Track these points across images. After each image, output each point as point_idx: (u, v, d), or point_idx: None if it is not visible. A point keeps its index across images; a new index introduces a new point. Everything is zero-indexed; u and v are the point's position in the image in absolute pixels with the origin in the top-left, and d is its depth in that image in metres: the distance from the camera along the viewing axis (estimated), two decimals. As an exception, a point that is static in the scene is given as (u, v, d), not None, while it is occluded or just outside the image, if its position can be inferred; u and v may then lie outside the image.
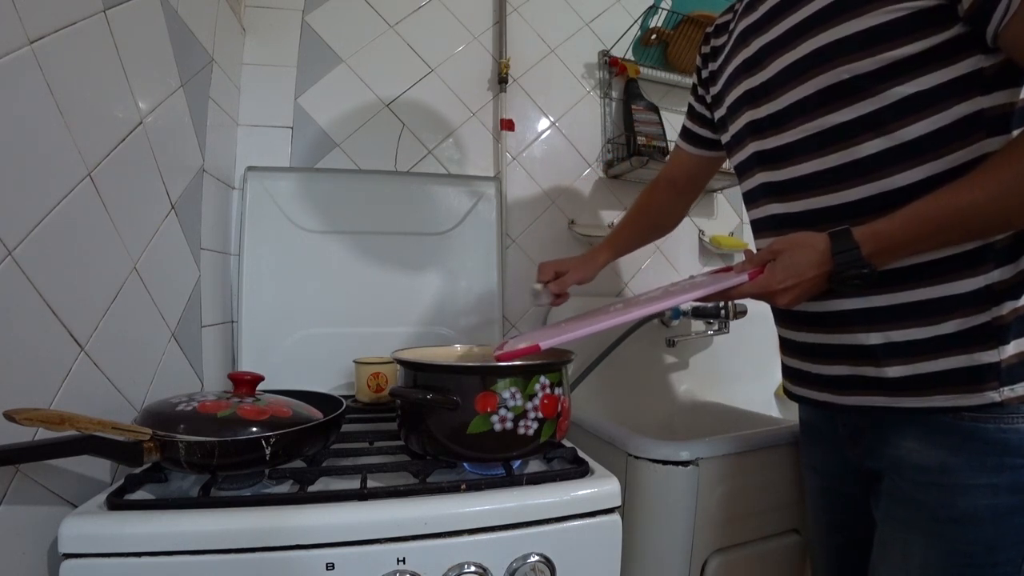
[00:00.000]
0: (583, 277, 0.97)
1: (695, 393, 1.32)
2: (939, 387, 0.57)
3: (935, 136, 0.54)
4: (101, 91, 0.63)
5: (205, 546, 0.52)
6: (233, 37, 1.10)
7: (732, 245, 1.47)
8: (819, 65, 0.59)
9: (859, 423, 0.66)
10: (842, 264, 0.56)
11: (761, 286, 0.60)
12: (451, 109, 1.28)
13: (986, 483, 0.55)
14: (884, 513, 0.64)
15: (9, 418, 0.45)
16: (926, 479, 0.59)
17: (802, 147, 0.63)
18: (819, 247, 0.57)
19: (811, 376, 0.69)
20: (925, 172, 0.55)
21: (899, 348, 0.59)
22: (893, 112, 0.56)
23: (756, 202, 0.72)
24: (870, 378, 0.62)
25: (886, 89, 0.55)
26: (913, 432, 0.60)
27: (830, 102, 0.59)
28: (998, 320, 0.55)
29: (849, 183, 0.60)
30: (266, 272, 1.08)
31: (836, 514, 0.74)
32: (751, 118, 0.70)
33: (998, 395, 0.54)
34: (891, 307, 0.59)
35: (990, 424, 0.55)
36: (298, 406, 0.68)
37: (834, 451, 0.71)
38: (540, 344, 0.61)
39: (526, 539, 0.60)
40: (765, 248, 0.62)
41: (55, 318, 0.55)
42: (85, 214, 0.60)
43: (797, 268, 0.58)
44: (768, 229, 0.70)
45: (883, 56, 0.55)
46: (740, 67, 0.71)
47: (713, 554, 0.84)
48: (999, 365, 0.54)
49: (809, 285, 0.58)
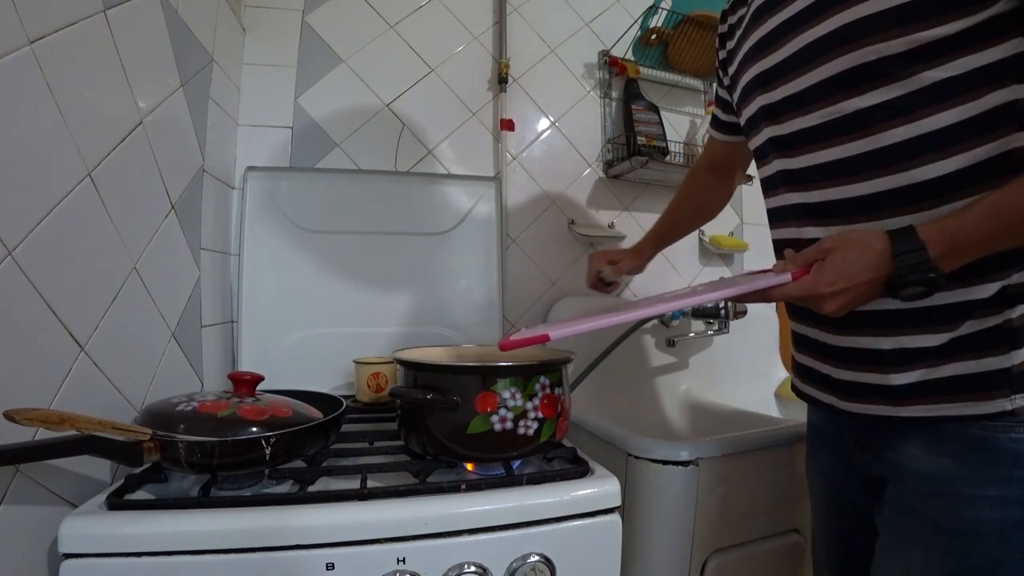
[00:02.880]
0: (634, 267, 1.00)
1: (695, 393, 1.32)
2: (947, 395, 0.53)
3: (963, 127, 0.50)
4: (101, 91, 0.63)
5: (205, 546, 0.52)
6: (233, 37, 1.10)
7: (732, 245, 1.47)
8: (842, 45, 0.54)
9: (865, 428, 0.63)
10: (905, 268, 0.49)
11: (806, 288, 0.53)
12: (451, 109, 1.28)
13: (994, 495, 0.51)
14: (885, 522, 0.61)
15: (9, 418, 0.45)
16: (930, 488, 0.55)
17: (821, 133, 0.58)
18: (876, 247, 0.50)
19: (819, 376, 0.66)
20: (953, 165, 0.51)
21: (909, 354, 0.55)
22: (921, 98, 0.51)
23: (774, 190, 0.67)
24: (875, 386, 0.58)
25: (915, 73, 0.51)
26: (919, 439, 0.57)
27: (853, 85, 0.54)
28: (1010, 323, 0.51)
29: (870, 173, 0.55)
30: (266, 272, 1.08)
31: (841, 522, 0.71)
32: (765, 101, 0.65)
33: (1009, 403, 0.50)
34: (905, 311, 0.55)
35: (1000, 433, 0.51)
36: (298, 406, 0.68)
37: (841, 457, 0.67)
38: (550, 334, 0.54)
39: (526, 539, 0.60)
40: (814, 246, 0.55)
41: (55, 318, 0.55)
42: (85, 214, 0.60)
43: (849, 271, 0.51)
44: (785, 219, 0.66)
45: (914, 37, 0.50)
46: (754, 47, 0.66)
47: (713, 554, 0.84)
48: (1011, 371, 0.51)
49: (862, 290, 0.51)
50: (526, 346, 0.55)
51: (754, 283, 0.56)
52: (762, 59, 0.65)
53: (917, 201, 0.52)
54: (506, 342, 0.55)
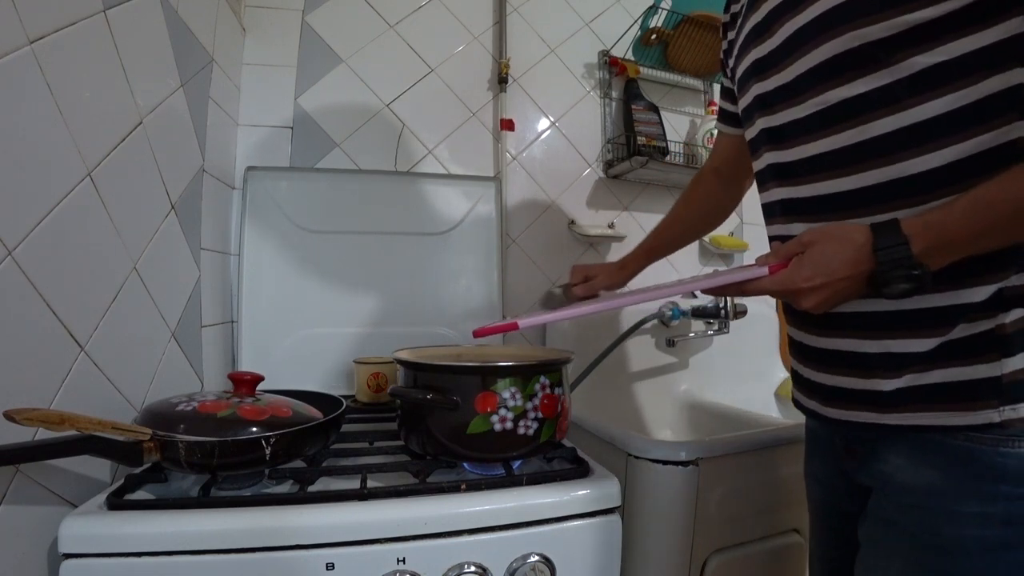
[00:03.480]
0: (612, 283, 0.96)
1: (695, 393, 1.32)
2: (931, 403, 0.51)
3: (957, 115, 0.47)
4: (101, 91, 0.63)
5: (205, 546, 0.52)
6: (233, 37, 1.10)
7: (732, 245, 1.47)
8: (827, 31, 0.52)
9: (850, 435, 0.61)
10: (887, 263, 0.46)
11: (782, 283, 0.51)
12: (451, 109, 1.28)
13: (977, 511, 0.48)
14: (864, 534, 0.58)
15: (9, 418, 0.45)
16: (910, 501, 0.53)
17: (809, 124, 0.56)
18: (857, 241, 0.48)
19: (803, 380, 0.64)
20: (946, 157, 0.48)
21: (894, 360, 0.53)
22: (909, 85, 0.48)
23: (764, 185, 0.65)
24: (857, 391, 0.56)
25: (903, 59, 0.48)
26: (903, 448, 0.54)
27: (839, 73, 0.52)
28: (1002, 328, 0.48)
29: (859, 167, 0.52)
30: (266, 272, 1.08)
31: (832, 530, 0.69)
32: (759, 91, 0.63)
33: (997, 415, 0.47)
34: (891, 313, 0.52)
35: (986, 446, 0.48)
36: (298, 406, 0.68)
37: (834, 463, 0.65)
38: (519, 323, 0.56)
39: (526, 539, 0.60)
40: (794, 239, 0.53)
41: (55, 318, 0.55)
42: (85, 214, 0.60)
43: (828, 265, 0.49)
44: (774, 215, 0.64)
45: (897, 21, 0.47)
46: (750, 34, 0.64)
47: (713, 554, 0.84)
48: (1000, 380, 0.48)
49: (841, 286, 0.49)
50: (496, 333, 0.60)
51: (732, 276, 0.55)
52: (755, 48, 0.62)
53: (909, 196, 0.50)
54: (479, 330, 0.60)
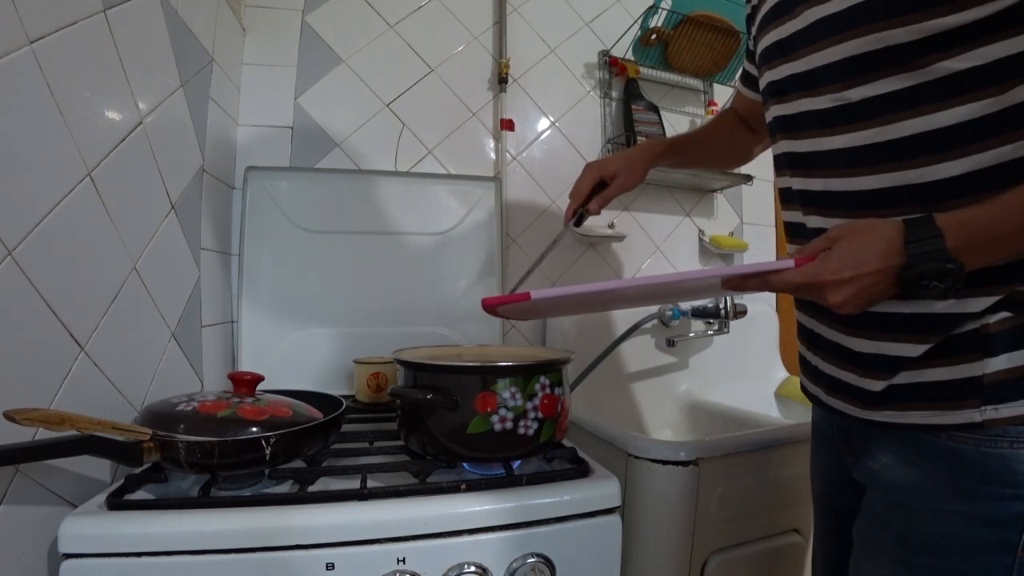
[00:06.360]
0: (630, 183, 0.87)
1: (695, 393, 1.32)
2: (916, 401, 0.51)
3: (981, 123, 0.46)
4: (101, 91, 0.63)
5: (205, 546, 0.52)
6: (233, 37, 1.10)
7: (732, 245, 1.47)
8: (850, 28, 0.50)
9: (848, 428, 0.61)
10: (917, 257, 0.44)
11: (809, 275, 0.49)
12: (451, 109, 1.28)
13: (959, 510, 0.49)
14: (857, 531, 0.59)
15: (9, 418, 0.45)
16: (896, 499, 0.53)
17: (826, 118, 0.54)
18: (888, 235, 0.46)
19: (810, 366, 0.64)
20: (965, 166, 0.47)
21: (887, 361, 0.53)
22: (933, 90, 0.47)
23: (780, 171, 0.64)
24: (852, 385, 0.56)
25: (928, 64, 0.46)
26: (891, 446, 0.54)
27: (859, 73, 0.50)
28: (986, 328, 0.48)
29: (874, 168, 0.51)
30: (266, 272, 1.08)
31: (833, 525, 0.69)
32: (774, 76, 0.60)
33: (979, 414, 0.47)
34: (890, 315, 0.52)
35: (968, 446, 0.48)
36: (298, 406, 0.68)
37: (835, 458, 0.65)
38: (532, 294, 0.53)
39: (526, 539, 0.60)
40: (823, 235, 0.51)
41: (55, 318, 0.55)
42: (85, 214, 0.60)
43: (856, 258, 0.47)
44: (791, 202, 0.63)
45: (926, 25, 0.45)
46: (772, 11, 0.60)
47: (713, 554, 0.84)
48: (981, 380, 0.48)
49: (870, 281, 0.47)
50: (507, 303, 0.56)
51: (757, 266, 0.53)
52: (776, 28, 0.60)
53: (922, 202, 0.49)
54: (488, 299, 0.57)
